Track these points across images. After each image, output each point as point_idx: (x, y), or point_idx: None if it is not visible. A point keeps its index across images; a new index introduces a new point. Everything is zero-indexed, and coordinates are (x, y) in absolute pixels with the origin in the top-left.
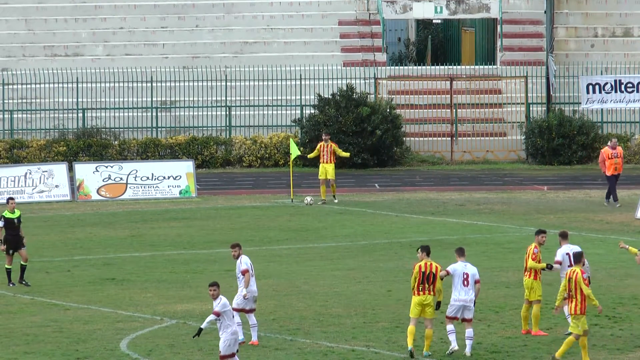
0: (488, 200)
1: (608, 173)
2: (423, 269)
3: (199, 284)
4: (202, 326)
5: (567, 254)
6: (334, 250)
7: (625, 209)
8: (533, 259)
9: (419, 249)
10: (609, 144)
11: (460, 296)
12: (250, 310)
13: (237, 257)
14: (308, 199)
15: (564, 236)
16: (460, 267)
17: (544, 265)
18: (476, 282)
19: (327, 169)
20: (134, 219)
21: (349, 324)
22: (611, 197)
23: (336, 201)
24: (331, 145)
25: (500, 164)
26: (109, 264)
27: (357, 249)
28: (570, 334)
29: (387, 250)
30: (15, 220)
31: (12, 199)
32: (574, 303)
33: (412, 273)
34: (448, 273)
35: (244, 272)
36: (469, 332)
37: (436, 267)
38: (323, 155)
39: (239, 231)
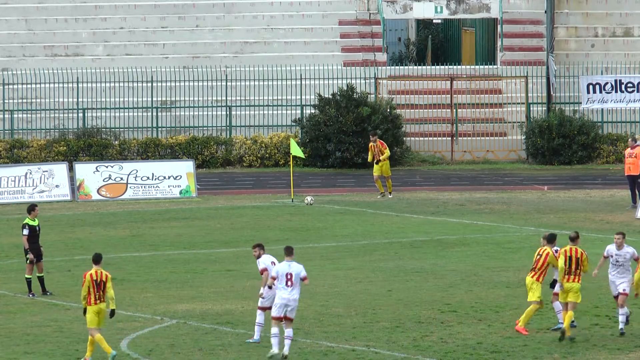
0: (488, 200)
1: (625, 173)
2: (95, 277)
3: (199, 283)
4: None
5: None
6: (334, 250)
7: (625, 209)
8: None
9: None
10: (628, 143)
11: (283, 295)
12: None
13: (258, 257)
14: (308, 198)
15: (550, 240)
16: (283, 267)
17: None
18: (303, 279)
19: (381, 167)
20: (134, 219)
21: (349, 323)
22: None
23: (390, 196)
24: (379, 145)
25: (500, 164)
26: (109, 263)
27: (358, 248)
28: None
29: (388, 250)
30: (37, 228)
31: (36, 205)
32: None
33: (84, 282)
34: (274, 279)
35: (261, 272)
36: (288, 331)
37: (106, 276)
38: (375, 155)
39: (239, 231)
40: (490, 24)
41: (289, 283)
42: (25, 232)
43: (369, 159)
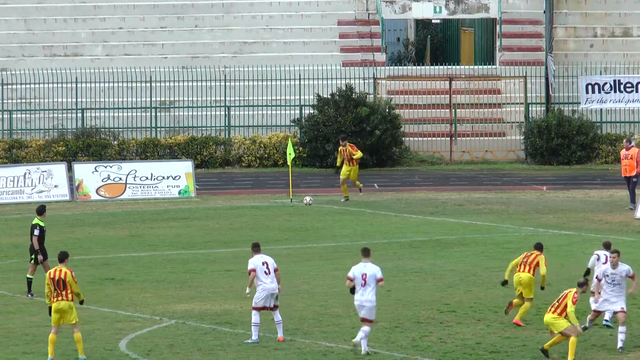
0: (487, 200)
1: (622, 174)
2: (52, 275)
3: (198, 283)
4: None
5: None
6: (333, 250)
7: (625, 209)
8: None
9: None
10: (624, 143)
11: (357, 296)
12: (273, 308)
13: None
14: (307, 198)
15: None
16: (359, 267)
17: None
18: (379, 280)
19: (350, 171)
20: (133, 219)
21: (348, 323)
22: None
23: (342, 200)
24: (349, 149)
25: (499, 164)
26: (108, 264)
27: (357, 248)
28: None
29: (386, 250)
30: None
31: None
32: None
33: (46, 280)
34: (351, 280)
35: (249, 272)
36: (364, 329)
37: (65, 273)
38: (345, 159)
39: (238, 231)
40: (489, 24)
41: (363, 283)
42: (37, 232)
43: (338, 162)
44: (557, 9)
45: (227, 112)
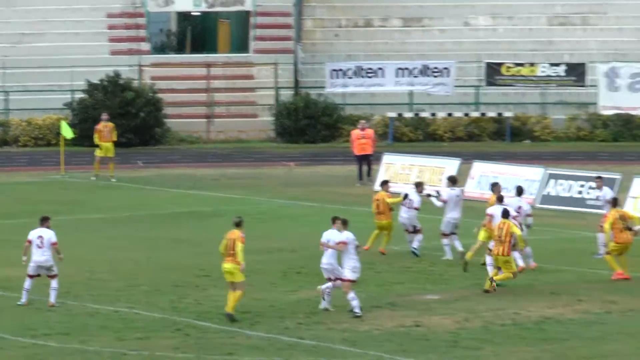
0: (240, 175)
1: (355, 153)
2: None
3: None
4: None
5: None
6: (101, 221)
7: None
8: None
9: None
10: (358, 125)
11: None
12: (50, 276)
13: None
14: None
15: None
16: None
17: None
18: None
19: (107, 147)
20: None
21: (114, 287)
22: (362, 176)
23: (114, 180)
24: (109, 126)
25: (251, 143)
26: None
27: (122, 220)
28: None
29: (149, 221)
30: None
31: None
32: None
33: None
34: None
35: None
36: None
37: None
38: (103, 134)
39: (14, 205)
40: (244, 16)
41: None
42: None
43: (96, 140)
44: (305, 2)
45: (6, 97)
